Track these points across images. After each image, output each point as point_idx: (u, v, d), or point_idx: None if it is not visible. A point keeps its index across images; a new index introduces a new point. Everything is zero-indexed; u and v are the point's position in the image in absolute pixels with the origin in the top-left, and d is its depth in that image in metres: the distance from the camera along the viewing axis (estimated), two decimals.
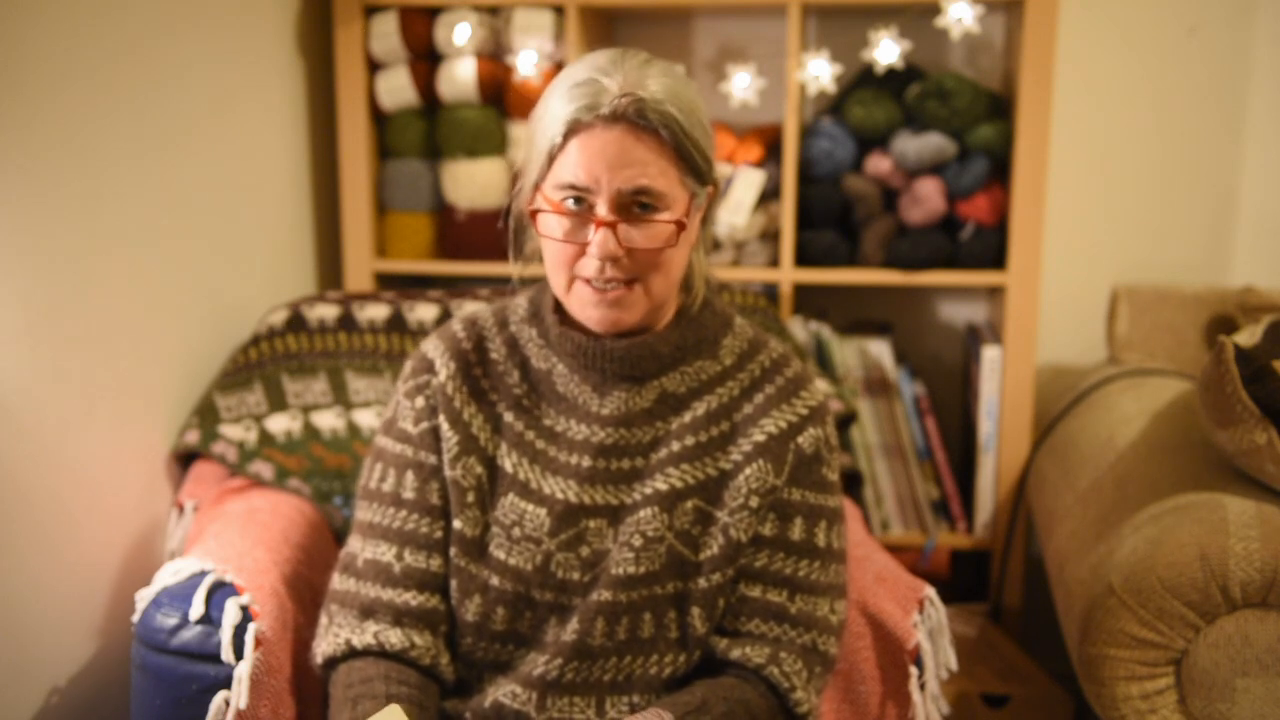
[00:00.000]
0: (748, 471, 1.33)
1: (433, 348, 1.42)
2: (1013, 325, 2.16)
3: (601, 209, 1.23)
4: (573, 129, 1.23)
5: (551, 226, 1.27)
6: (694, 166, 1.26)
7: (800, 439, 1.35)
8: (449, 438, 1.37)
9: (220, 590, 1.41)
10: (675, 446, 1.34)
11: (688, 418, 1.36)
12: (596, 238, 1.24)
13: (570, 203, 1.25)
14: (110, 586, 1.64)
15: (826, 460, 1.37)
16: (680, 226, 1.25)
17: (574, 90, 1.24)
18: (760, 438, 1.34)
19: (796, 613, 1.32)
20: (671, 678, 1.33)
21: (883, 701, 1.43)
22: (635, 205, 1.24)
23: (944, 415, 2.41)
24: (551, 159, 1.26)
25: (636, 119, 1.22)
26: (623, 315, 1.28)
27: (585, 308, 1.29)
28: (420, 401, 1.39)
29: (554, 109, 1.25)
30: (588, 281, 1.27)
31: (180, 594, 1.40)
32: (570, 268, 1.28)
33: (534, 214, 1.29)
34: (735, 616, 1.33)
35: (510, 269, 1.39)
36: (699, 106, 1.28)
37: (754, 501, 1.32)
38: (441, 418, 1.38)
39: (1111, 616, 1.51)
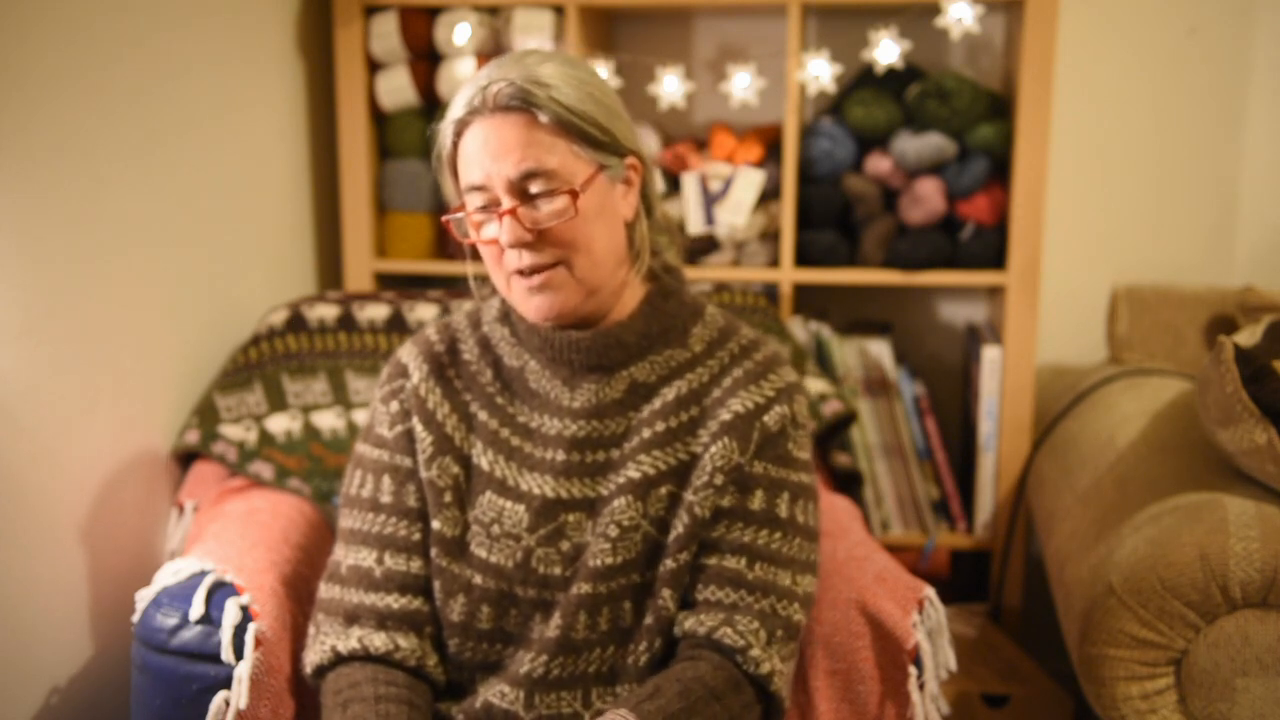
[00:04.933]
0: (714, 450, 1.33)
1: (406, 352, 1.44)
2: (1013, 325, 2.16)
3: (504, 200, 1.26)
4: (458, 131, 1.28)
5: (469, 230, 1.31)
6: (588, 138, 1.27)
7: (766, 417, 1.35)
8: (423, 439, 1.38)
9: (220, 590, 1.41)
10: (645, 434, 1.35)
11: (657, 404, 1.36)
12: (503, 227, 1.26)
13: (480, 203, 1.28)
14: (110, 586, 1.64)
15: (792, 436, 1.37)
16: (573, 195, 1.25)
17: (457, 97, 1.29)
18: (727, 417, 1.34)
19: (754, 579, 1.31)
20: (652, 663, 1.32)
21: (882, 701, 1.43)
22: (531, 188, 1.26)
23: (944, 415, 2.41)
24: (453, 167, 1.31)
25: (510, 103, 1.24)
26: (555, 299, 1.29)
27: (523, 301, 1.31)
28: (395, 406, 1.41)
29: (444, 120, 1.30)
30: (519, 275, 1.29)
31: (180, 594, 1.40)
32: (501, 265, 1.30)
33: (446, 224, 1.33)
34: (692, 587, 1.32)
35: (468, 270, 1.42)
36: (590, 81, 1.29)
37: (719, 479, 1.32)
38: (415, 420, 1.39)
39: (1111, 616, 1.51)
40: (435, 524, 1.36)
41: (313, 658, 1.34)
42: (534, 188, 1.25)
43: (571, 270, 1.28)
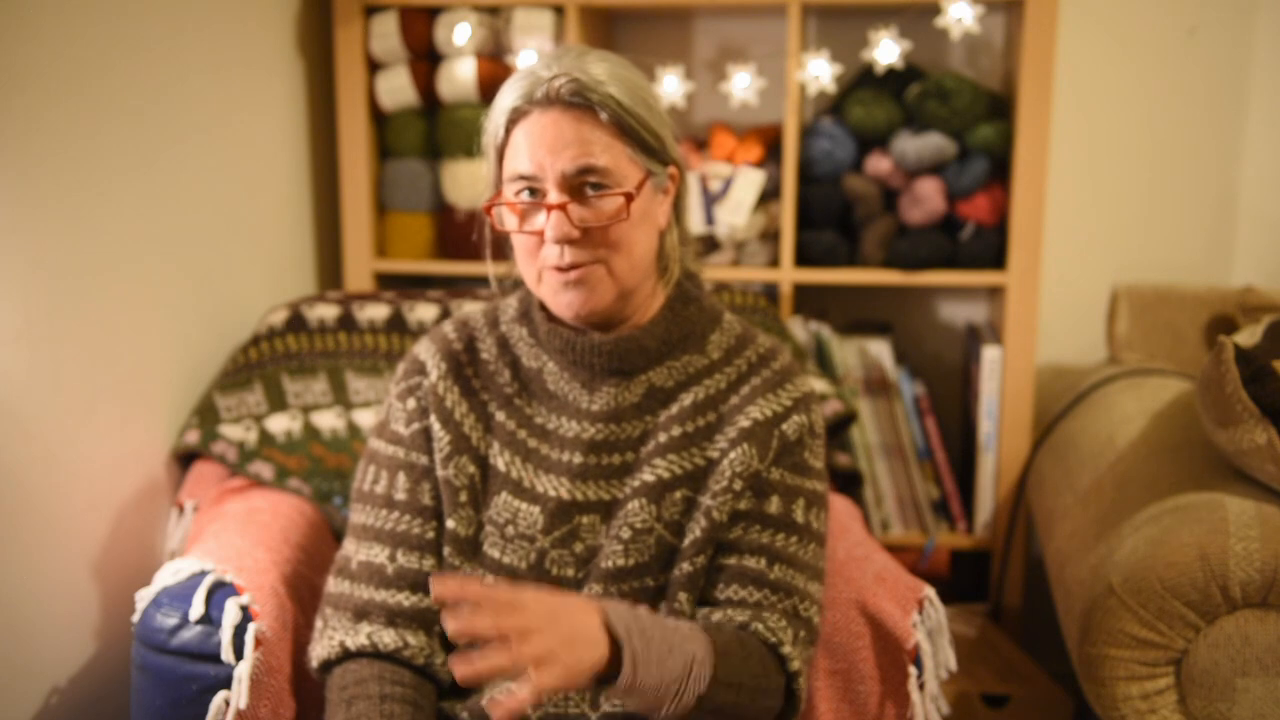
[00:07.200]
0: (732, 456, 1.33)
1: (424, 349, 1.43)
2: (1013, 325, 2.16)
3: (552, 194, 1.26)
4: (513, 119, 1.27)
5: (509, 220, 1.30)
6: (641, 142, 1.27)
7: (785, 425, 1.35)
8: (440, 437, 1.38)
9: (220, 590, 1.41)
10: (662, 438, 1.35)
11: (675, 409, 1.36)
12: (550, 221, 1.26)
13: (525, 194, 1.28)
14: (110, 586, 1.64)
15: (809, 445, 1.37)
16: (628, 198, 1.25)
17: (512, 84, 1.28)
18: (745, 424, 1.34)
19: (775, 579, 1.31)
20: None
21: (882, 701, 1.43)
22: (584, 185, 1.26)
23: (944, 415, 2.41)
24: (500, 155, 1.30)
25: (572, 99, 1.24)
26: (590, 297, 1.29)
27: (555, 296, 1.30)
28: (412, 403, 1.40)
29: (496, 106, 1.30)
30: (555, 270, 1.29)
31: (180, 594, 1.40)
32: (536, 258, 1.30)
33: (489, 210, 1.32)
34: (713, 586, 1.33)
35: (489, 269, 1.41)
36: (643, 86, 1.30)
37: (737, 485, 1.32)
38: (433, 418, 1.39)
39: (1111, 616, 1.51)
40: (449, 523, 1.36)
41: (320, 652, 1.34)
42: (587, 185, 1.26)
43: (610, 270, 1.28)
